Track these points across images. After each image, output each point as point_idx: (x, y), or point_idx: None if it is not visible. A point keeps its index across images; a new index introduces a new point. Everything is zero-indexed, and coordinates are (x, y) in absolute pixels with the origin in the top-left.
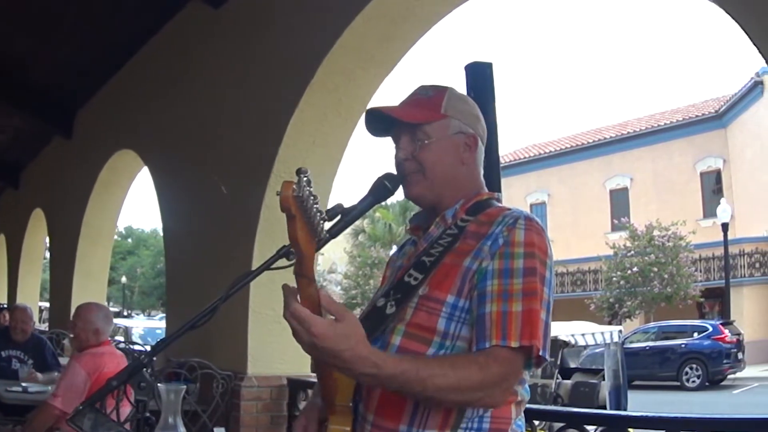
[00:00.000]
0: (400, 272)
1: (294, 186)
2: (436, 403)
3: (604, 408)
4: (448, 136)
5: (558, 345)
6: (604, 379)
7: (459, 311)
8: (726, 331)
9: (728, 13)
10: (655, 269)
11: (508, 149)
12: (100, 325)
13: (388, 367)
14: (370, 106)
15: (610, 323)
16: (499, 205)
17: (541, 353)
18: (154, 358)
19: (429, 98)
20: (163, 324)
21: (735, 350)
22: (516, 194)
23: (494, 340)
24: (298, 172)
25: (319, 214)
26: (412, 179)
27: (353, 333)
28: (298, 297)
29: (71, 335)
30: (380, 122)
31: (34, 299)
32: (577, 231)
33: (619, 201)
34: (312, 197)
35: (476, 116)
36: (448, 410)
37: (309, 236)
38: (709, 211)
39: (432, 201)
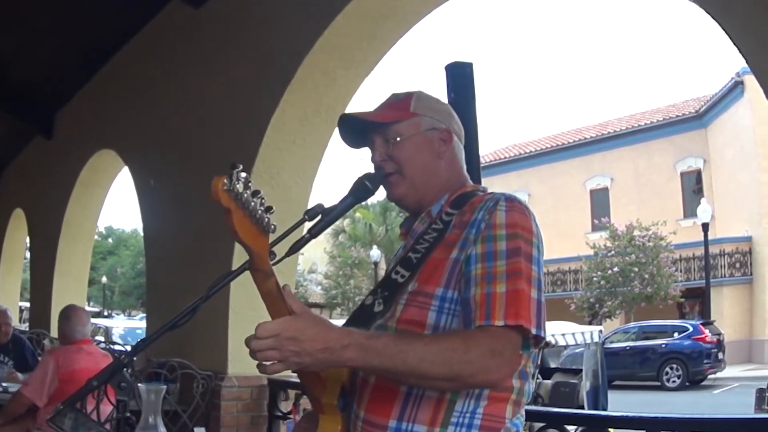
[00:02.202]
0: (387, 270)
1: (224, 180)
2: (427, 384)
3: (584, 408)
4: (420, 133)
5: None
6: (583, 379)
7: (449, 303)
8: (706, 331)
9: (708, 13)
10: (636, 269)
11: (488, 149)
12: (75, 329)
13: (362, 340)
14: (348, 107)
15: (590, 323)
16: (483, 194)
17: (534, 332)
18: (135, 358)
19: (398, 101)
20: (143, 324)
21: (715, 350)
22: None
23: (478, 321)
24: (231, 167)
25: (261, 207)
26: (392, 181)
27: (318, 320)
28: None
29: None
30: (354, 132)
31: (14, 299)
32: (558, 231)
33: (600, 201)
34: (249, 191)
35: (448, 113)
36: (437, 404)
37: (253, 229)
38: (690, 211)
39: (415, 199)
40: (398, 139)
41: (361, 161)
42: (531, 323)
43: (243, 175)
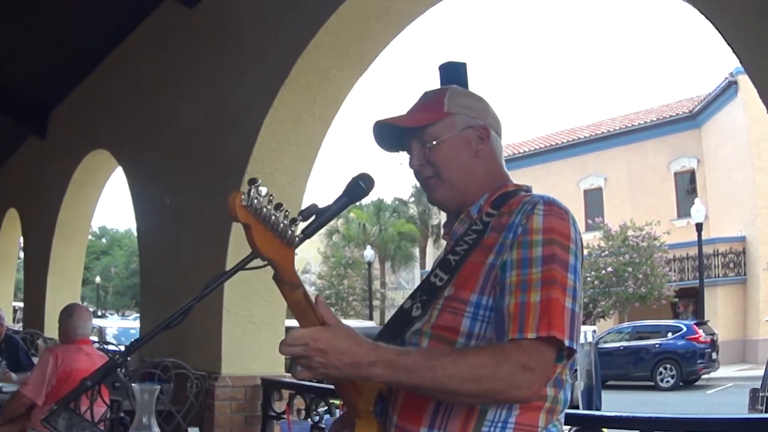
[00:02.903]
0: (428, 273)
1: (242, 196)
2: (455, 400)
3: (578, 408)
4: (456, 134)
5: None
6: (577, 379)
7: (483, 309)
8: (700, 331)
9: (702, 13)
10: (630, 269)
11: None
12: (77, 325)
13: (393, 359)
14: (343, 106)
15: (584, 323)
16: (525, 194)
17: (567, 343)
18: (129, 358)
19: (430, 100)
20: (137, 324)
21: (709, 350)
22: None
23: (511, 333)
24: (250, 182)
25: (285, 219)
26: (431, 184)
27: (347, 334)
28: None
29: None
30: (390, 136)
31: (8, 299)
32: None
33: (593, 201)
34: (270, 204)
35: (483, 107)
36: (468, 414)
37: (275, 242)
38: (683, 211)
39: (457, 202)
40: (435, 142)
41: (355, 163)
42: (564, 334)
43: (263, 189)
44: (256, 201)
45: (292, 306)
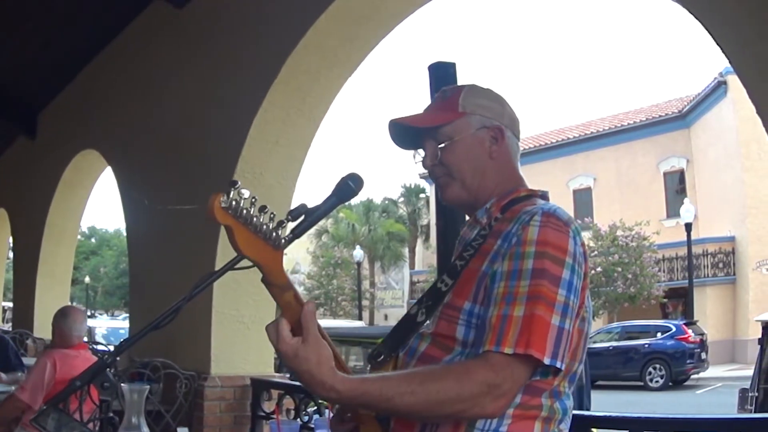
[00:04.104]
0: (436, 279)
1: (222, 197)
2: (423, 419)
3: None
4: (470, 134)
5: None
6: None
7: (476, 318)
8: (689, 331)
9: (691, 13)
10: (619, 269)
11: None
12: (73, 327)
13: (347, 389)
14: (331, 107)
15: None
16: (535, 201)
17: (548, 361)
18: (118, 358)
19: (446, 99)
20: (126, 324)
21: (698, 350)
22: None
23: (488, 345)
24: (231, 184)
25: (270, 221)
26: (443, 183)
27: (314, 355)
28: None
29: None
30: (405, 134)
31: None
32: None
33: (583, 201)
34: (253, 207)
35: (499, 107)
36: (457, 423)
37: (260, 244)
38: (673, 211)
39: (469, 202)
40: (448, 143)
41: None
42: (544, 353)
43: (245, 192)
44: (235, 203)
45: (284, 308)
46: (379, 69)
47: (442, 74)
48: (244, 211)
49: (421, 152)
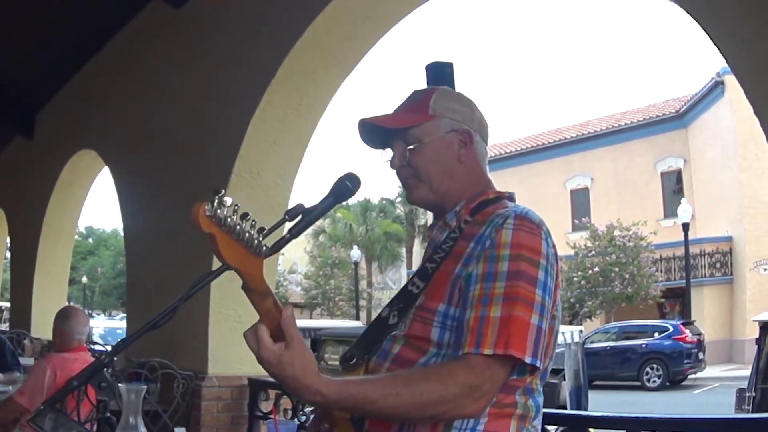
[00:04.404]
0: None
1: (206, 206)
2: (406, 420)
3: (565, 408)
4: (439, 137)
5: None
6: (564, 379)
7: (450, 320)
8: (687, 331)
9: (689, 13)
10: (616, 269)
11: None
12: (75, 329)
13: (332, 392)
14: (329, 107)
15: (570, 323)
16: (504, 203)
17: (528, 360)
18: (115, 358)
19: (417, 101)
20: (123, 324)
21: (696, 350)
22: None
23: (467, 347)
24: (214, 193)
25: (252, 229)
26: (410, 184)
27: (298, 360)
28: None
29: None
30: (374, 134)
31: None
32: None
33: (580, 201)
34: (235, 214)
35: (469, 112)
36: (435, 423)
37: (241, 251)
38: (670, 211)
39: (437, 204)
40: (416, 144)
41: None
42: (524, 352)
43: (228, 200)
44: (219, 211)
45: (263, 315)
46: (377, 69)
47: (439, 74)
48: (228, 219)
49: (390, 152)
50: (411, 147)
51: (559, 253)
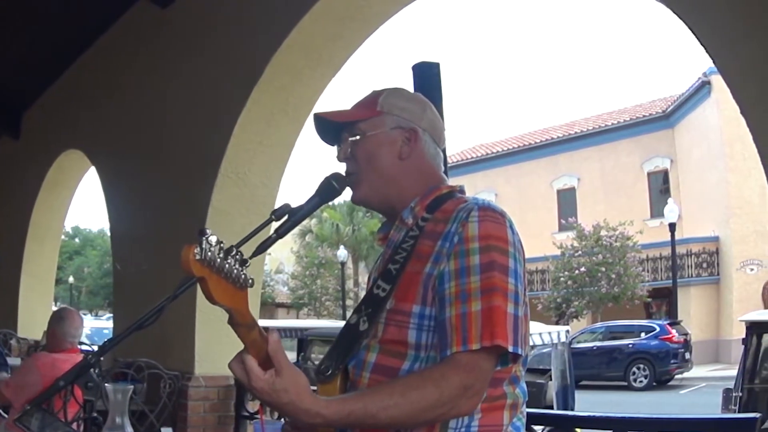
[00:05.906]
0: (370, 284)
1: (195, 250)
2: (404, 428)
3: (552, 408)
4: (383, 132)
5: None
6: (551, 380)
7: (427, 320)
8: (673, 331)
9: (675, 13)
10: (603, 269)
11: (455, 149)
12: (67, 331)
13: (332, 413)
14: (316, 106)
15: (557, 323)
16: (459, 197)
17: (511, 349)
18: (102, 358)
19: (369, 98)
20: (110, 324)
21: (682, 350)
22: None
23: (455, 346)
24: (200, 233)
25: (236, 264)
26: (353, 180)
27: (292, 386)
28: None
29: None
30: (330, 129)
31: None
32: (525, 231)
33: (567, 201)
34: (221, 252)
35: (419, 111)
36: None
37: (229, 289)
38: (657, 211)
39: (378, 202)
40: (359, 137)
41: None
42: (508, 341)
43: (213, 238)
44: (209, 253)
45: (249, 345)
46: (364, 69)
47: (426, 74)
48: (217, 261)
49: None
50: (353, 139)
51: (545, 254)
